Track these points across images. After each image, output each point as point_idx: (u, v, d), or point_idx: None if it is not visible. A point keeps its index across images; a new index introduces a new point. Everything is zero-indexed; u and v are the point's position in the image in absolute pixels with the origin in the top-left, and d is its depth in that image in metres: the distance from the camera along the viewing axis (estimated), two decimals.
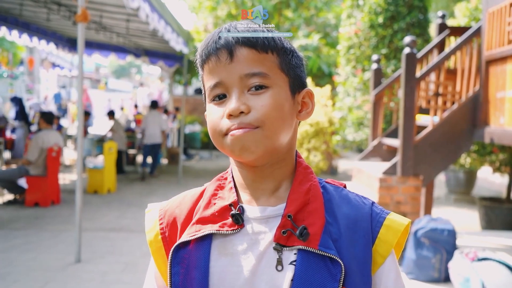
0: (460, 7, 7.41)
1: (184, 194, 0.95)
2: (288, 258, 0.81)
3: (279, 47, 0.85)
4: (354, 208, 0.86)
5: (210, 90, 0.85)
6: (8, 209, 6.90)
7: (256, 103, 0.81)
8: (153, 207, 0.95)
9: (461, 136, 4.65)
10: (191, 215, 0.89)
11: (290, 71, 0.87)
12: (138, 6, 5.55)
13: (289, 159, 0.88)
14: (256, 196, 0.87)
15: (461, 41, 4.59)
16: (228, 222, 0.84)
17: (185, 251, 0.84)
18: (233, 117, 0.81)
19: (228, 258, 0.83)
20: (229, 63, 0.82)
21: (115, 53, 11.47)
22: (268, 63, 0.83)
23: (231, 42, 0.83)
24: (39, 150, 7.01)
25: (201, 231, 0.84)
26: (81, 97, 4.72)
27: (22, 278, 4.24)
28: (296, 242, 0.81)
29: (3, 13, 8.38)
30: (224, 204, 0.86)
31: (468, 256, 3.71)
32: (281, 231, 0.81)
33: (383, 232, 0.84)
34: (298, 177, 0.87)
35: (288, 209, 0.83)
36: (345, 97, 7.63)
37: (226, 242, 0.84)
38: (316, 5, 11.70)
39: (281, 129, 0.83)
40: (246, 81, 0.82)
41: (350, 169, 10.67)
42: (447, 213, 7.07)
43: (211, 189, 0.90)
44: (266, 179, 0.86)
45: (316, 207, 0.84)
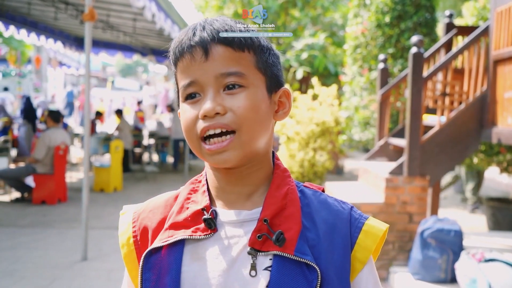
0: (468, 6, 7.37)
1: (158, 197, 0.93)
2: (263, 263, 0.79)
3: (256, 45, 0.82)
4: (332, 213, 0.84)
5: (184, 89, 0.82)
6: (15, 206, 6.95)
7: (232, 104, 0.78)
8: (128, 209, 0.93)
9: (469, 136, 4.63)
10: (164, 220, 0.86)
11: (267, 70, 0.84)
12: (143, 5, 5.57)
13: (266, 161, 0.85)
14: (231, 199, 0.84)
15: (469, 41, 4.57)
16: (201, 227, 0.82)
17: (157, 256, 0.82)
18: (208, 118, 0.78)
19: (200, 263, 0.81)
20: (204, 62, 0.79)
21: (121, 52, 11.51)
22: (245, 62, 0.81)
23: (207, 39, 0.80)
24: (46, 148, 7.05)
25: (174, 236, 0.82)
26: (88, 95, 4.74)
27: (29, 275, 4.27)
28: (272, 247, 0.78)
29: (11, 12, 8.44)
30: (197, 208, 0.83)
31: (475, 257, 3.70)
32: (256, 235, 0.79)
33: (362, 237, 0.83)
34: (275, 180, 0.84)
35: (264, 213, 0.80)
36: (351, 97, 7.62)
37: (198, 247, 0.82)
38: (323, 5, 11.67)
39: (259, 131, 0.80)
40: (222, 80, 0.79)
41: (356, 169, 10.64)
42: (454, 213, 7.04)
43: (185, 193, 0.88)
44: (242, 182, 0.84)
45: (292, 212, 0.82)
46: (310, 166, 7.04)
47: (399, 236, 4.46)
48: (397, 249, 4.45)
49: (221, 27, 0.81)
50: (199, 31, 0.81)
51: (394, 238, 4.45)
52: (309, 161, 6.99)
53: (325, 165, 7.06)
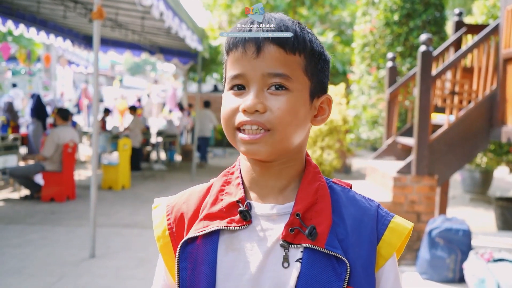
0: (478, 5, 7.31)
1: (191, 189, 0.96)
2: (295, 255, 0.82)
3: (308, 50, 0.84)
4: (360, 209, 0.87)
5: (231, 79, 0.85)
6: (24, 204, 7.00)
7: (272, 104, 0.81)
8: (160, 202, 0.96)
9: (478, 135, 4.59)
10: (198, 211, 0.89)
11: (314, 75, 0.86)
12: (151, 3, 5.58)
13: (298, 159, 0.89)
14: (264, 193, 0.87)
15: (478, 39, 4.53)
16: (235, 218, 0.84)
17: (193, 246, 0.85)
18: (247, 113, 0.81)
19: (235, 253, 0.84)
20: (254, 58, 0.82)
21: (130, 50, 11.54)
22: (293, 65, 0.83)
23: (261, 37, 0.82)
24: (55, 146, 7.10)
25: (209, 227, 0.85)
26: (96, 94, 4.76)
27: (38, 272, 4.30)
28: (303, 240, 0.82)
29: (21, 10, 8.50)
30: (232, 200, 0.86)
31: (483, 256, 3.67)
32: (289, 229, 0.82)
33: (388, 234, 0.86)
34: (307, 176, 0.88)
35: (296, 208, 0.84)
36: (359, 95, 7.59)
37: (233, 238, 0.84)
38: (331, 3, 11.64)
39: (293, 134, 0.83)
40: (268, 79, 0.82)
41: (364, 167, 10.59)
42: (462, 213, 6.99)
43: (218, 184, 0.90)
44: (275, 177, 0.87)
45: (323, 207, 0.85)
46: (318, 164, 7.02)
47: None
48: (405, 248, 4.43)
49: (277, 27, 0.82)
50: (256, 26, 0.83)
51: None
52: (316, 159, 6.98)
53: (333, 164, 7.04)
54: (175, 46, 11.12)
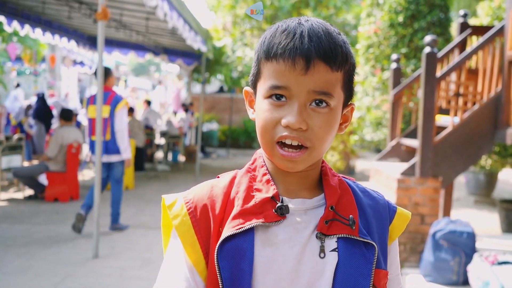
0: (483, 6, 7.28)
1: (211, 184, 0.94)
2: (329, 246, 0.87)
3: (348, 65, 0.87)
4: (374, 199, 0.96)
5: (272, 88, 0.84)
6: (28, 204, 7.03)
7: (314, 123, 0.84)
8: (176, 198, 0.92)
9: (482, 137, 4.57)
10: (224, 206, 0.89)
11: (349, 88, 0.89)
12: (156, 4, 5.59)
13: (319, 162, 0.94)
14: (291, 189, 0.91)
15: (483, 41, 4.51)
16: (270, 214, 0.86)
17: (230, 244, 0.85)
18: (289, 129, 0.83)
19: (272, 248, 0.86)
20: (302, 74, 0.82)
21: (134, 51, 11.57)
22: (335, 82, 0.85)
23: (312, 53, 0.82)
24: (58, 146, 7.12)
25: (246, 223, 0.85)
26: (101, 94, 4.77)
27: (42, 272, 4.32)
28: (337, 231, 0.87)
29: (26, 11, 8.53)
30: (265, 196, 0.88)
31: (487, 259, 3.66)
32: (324, 221, 0.87)
33: (396, 218, 0.96)
34: (326, 172, 0.94)
35: (329, 202, 0.89)
36: (363, 97, 7.58)
37: (268, 233, 0.87)
38: (335, 4, 11.64)
39: (325, 149, 0.88)
40: (312, 96, 0.84)
41: (368, 169, 10.57)
42: (467, 215, 6.96)
43: (245, 181, 0.91)
44: (301, 177, 0.91)
45: (348, 199, 0.91)
46: None
47: (410, 237, 4.43)
48: (408, 250, 4.42)
49: (326, 43, 0.83)
50: (306, 40, 0.82)
51: (405, 240, 4.42)
52: None
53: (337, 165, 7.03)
54: (179, 47, 11.14)
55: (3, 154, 7.30)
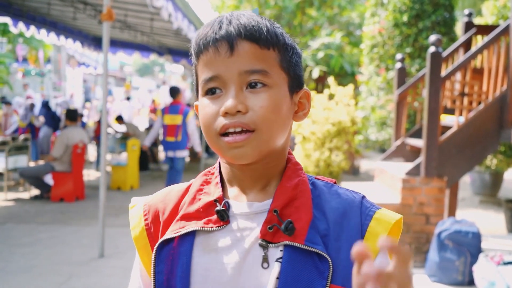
0: (488, 5, 7.25)
1: (170, 188, 0.92)
2: (274, 255, 0.78)
3: (281, 43, 0.81)
4: (343, 202, 0.83)
5: (205, 83, 0.80)
6: (34, 203, 7.06)
7: (254, 103, 0.77)
8: (137, 202, 0.92)
9: (487, 137, 4.56)
10: (175, 210, 0.86)
11: (290, 69, 0.83)
12: (161, 5, 5.61)
13: (281, 158, 0.85)
14: (244, 191, 0.84)
15: (489, 40, 4.50)
16: (213, 218, 0.81)
17: (169, 248, 0.82)
18: (229, 116, 0.77)
19: (211, 255, 0.80)
20: (228, 57, 0.78)
21: (139, 52, 11.61)
22: (269, 60, 0.79)
23: (233, 34, 0.78)
24: (64, 146, 7.16)
25: (185, 227, 0.81)
26: (105, 95, 4.79)
27: (47, 271, 4.34)
28: (282, 238, 0.78)
29: (32, 12, 8.58)
30: (209, 200, 0.83)
31: (493, 259, 3.64)
32: (267, 226, 0.79)
33: (373, 225, 0.80)
34: (287, 172, 0.84)
35: (274, 204, 0.80)
36: (368, 97, 7.56)
37: (210, 239, 0.81)
38: (339, 4, 11.62)
39: (278, 132, 0.80)
40: (246, 77, 0.78)
41: (373, 169, 10.55)
42: (472, 215, 6.94)
43: (197, 184, 0.87)
44: (256, 177, 0.84)
45: (303, 202, 0.81)
46: (326, 166, 7.01)
47: (415, 237, 4.41)
48: (413, 250, 4.41)
49: (248, 23, 0.79)
50: (225, 24, 0.79)
51: (410, 240, 4.41)
52: (324, 161, 6.96)
53: (341, 165, 7.02)
54: (184, 47, 11.15)
55: (9, 154, 7.33)
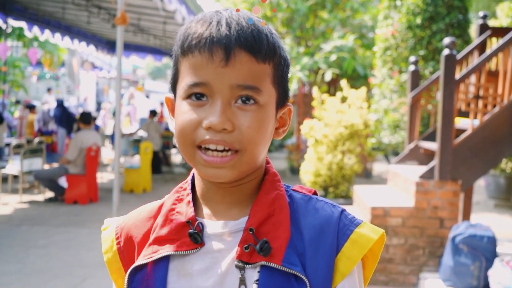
0: (503, 7, 7.18)
1: (141, 208, 0.87)
2: (252, 276, 0.73)
3: (277, 57, 0.75)
4: (320, 218, 0.77)
5: (189, 87, 0.73)
6: (49, 206, 7.14)
7: (241, 122, 0.71)
8: (110, 224, 0.87)
9: (503, 140, 4.50)
10: (148, 233, 0.80)
11: (280, 84, 0.77)
12: (175, 8, 5.65)
13: (258, 172, 0.79)
14: (218, 209, 0.78)
15: (504, 42, 4.45)
16: (186, 241, 0.76)
17: (142, 274, 0.76)
18: (212, 131, 0.71)
19: (187, 279, 0.75)
20: (222, 66, 0.70)
21: (151, 55, 11.71)
22: (263, 76, 0.73)
23: (232, 41, 0.70)
24: (78, 149, 7.23)
25: (158, 252, 0.76)
26: (119, 98, 4.83)
27: (62, 273, 4.38)
28: (259, 258, 0.73)
29: (47, 16, 8.69)
30: (181, 221, 0.77)
31: (509, 264, 3.59)
32: (243, 246, 0.73)
33: (348, 246, 0.75)
34: (264, 186, 0.78)
35: (250, 222, 0.75)
36: (381, 99, 7.52)
37: (185, 262, 0.76)
38: (352, 6, 11.58)
39: (261, 152, 0.75)
40: (237, 91, 0.71)
41: (385, 172, 10.48)
42: (487, 219, 6.85)
43: (169, 203, 0.81)
44: (231, 193, 0.78)
45: (280, 219, 0.75)
46: (338, 169, 6.98)
47: (429, 241, 4.38)
48: (427, 254, 4.37)
49: (248, 31, 0.71)
50: (224, 28, 0.71)
51: (424, 244, 4.37)
52: (337, 164, 6.94)
53: (354, 168, 6.99)
54: None
55: (24, 157, 7.43)
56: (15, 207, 6.97)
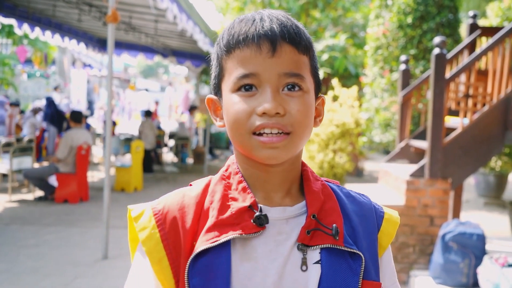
0: (492, 7, 7.24)
1: (182, 193, 0.86)
2: (312, 258, 0.80)
3: (312, 50, 0.84)
4: (359, 205, 0.89)
5: (238, 79, 0.79)
6: (39, 205, 7.09)
7: (291, 106, 0.78)
8: (143, 209, 0.84)
9: (492, 139, 4.55)
10: (197, 218, 0.81)
11: (316, 75, 0.85)
12: (166, 7, 5.62)
13: (299, 161, 0.87)
14: (270, 196, 0.84)
15: (493, 42, 4.49)
16: (248, 225, 0.79)
17: (203, 260, 0.77)
18: (266, 116, 0.77)
19: (251, 262, 0.79)
20: (270, 57, 0.78)
21: (143, 53, 11.64)
22: (303, 65, 0.81)
23: (277, 35, 0.78)
24: (68, 148, 7.18)
25: (222, 236, 0.78)
26: (110, 96, 4.81)
27: (52, 272, 4.35)
28: (320, 241, 0.80)
29: (37, 14, 8.62)
30: (242, 206, 0.80)
31: (498, 261, 3.63)
32: (306, 231, 0.80)
33: (385, 225, 0.89)
34: (307, 176, 0.87)
35: (311, 210, 0.82)
36: (372, 98, 7.56)
37: (246, 246, 0.79)
38: (343, 5, 11.62)
39: (307, 136, 0.82)
40: (284, 79, 0.79)
41: (376, 171, 10.54)
42: (477, 217, 6.92)
43: (220, 190, 0.83)
44: (280, 180, 0.84)
45: (332, 205, 0.85)
46: (330, 167, 7.00)
47: (420, 239, 4.41)
48: (418, 252, 4.40)
49: (289, 25, 0.80)
50: (268, 23, 0.79)
51: (415, 241, 4.40)
52: (328, 162, 6.96)
53: (345, 167, 7.01)
54: (188, 49, 11.18)
55: (14, 156, 7.37)
56: (4, 206, 6.92)
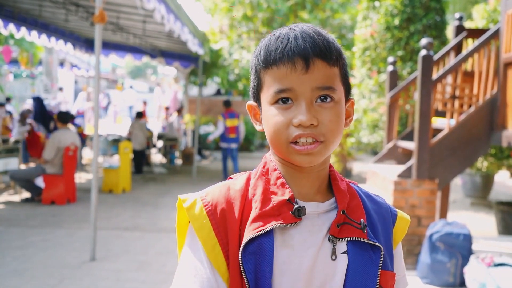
0: (478, 9, 7.32)
1: (227, 186, 0.95)
2: (340, 248, 0.91)
3: (342, 60, 0.92)
4: (377, 204, 1.01)
5: (276, 93, 0.88)
6: (25, 206, 7.01)
7: (323, 117, 0.88)
8: (193, 199, 0.93)
9: (478, 140, 4.59)
10: (241, 209, 0.92)
11: (346, 81, 0.94)
12: (153, 7, 5.60)
13: (327, 163, 0.97)
14: (304, 192, 0.94)
15: (479, 43, 4.54)
16: (288, 216, 0.89)
17: (252, 247, 0.87)
18: (302, 127, 0.87)
19: (289, 250, 0.89)
20: (303, 74, 0.87)
21: (131, 54, 11.58)
22: (335, 77, 0.90)
23: (309, 52, 0.87)
24: (55, 149, 7.11)
25: (267, 225, 0.88)
26: (97, 97, 4.77)
27: (39, 274, 4.31)
28: (346, 234, 0.91)
29: (23, 14, 8.52)
30: (282, 199, 0.90)
31: (484, 261, 3.67)
32: (336, 224, 0.91)
33: (398, 222, 1.01)
34: (335, 177, 0.98)
35: (341, 206, 0.92)
36: (360, 99, 7.59)
37: (285, 235, 0.89)
38: (331, 7, 11.67)
39: (338, 141, 0.92)
40: (317, 92, 0.88)
41: (365, 171, 10.59)
42: (463, 217, 6.98)
43: (261, 184, 0.94)
44: (313, 179, 0.94)
45: (356, 203, 0.96)
46: None
47: (407, 239, 4.44)
48: (405, 252, 4.43)
49: (320, 41, 0.88)
50: (301, 41, 0.87)
51: (402, 242, 4.42)
52: None
53: None
54: (176, 50, 11.14)
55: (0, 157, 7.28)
56: None
